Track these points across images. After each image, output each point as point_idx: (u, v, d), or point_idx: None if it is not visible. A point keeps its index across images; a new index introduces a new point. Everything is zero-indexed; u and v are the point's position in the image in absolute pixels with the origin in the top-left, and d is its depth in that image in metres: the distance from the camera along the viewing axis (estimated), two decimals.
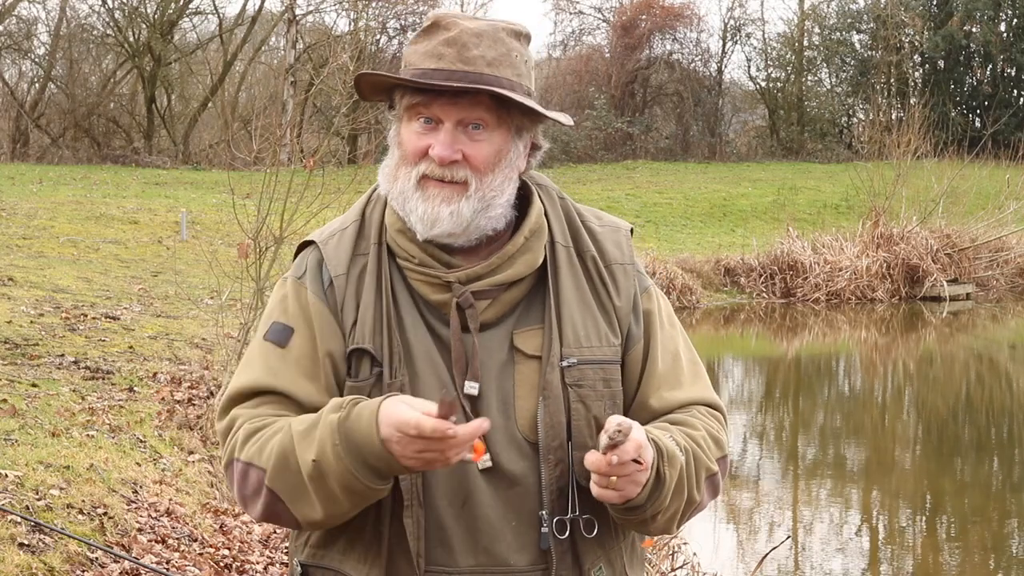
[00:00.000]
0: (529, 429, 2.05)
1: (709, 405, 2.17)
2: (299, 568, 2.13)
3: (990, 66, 38.79)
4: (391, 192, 2.09)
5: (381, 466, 1.91)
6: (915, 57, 39.20)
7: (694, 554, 6.71)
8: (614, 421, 1.89)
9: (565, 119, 2.13)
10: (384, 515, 2.03)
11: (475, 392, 2.04)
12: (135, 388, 7.90)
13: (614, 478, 1.92)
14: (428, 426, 1.84)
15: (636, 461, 1.91)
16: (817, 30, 40.49)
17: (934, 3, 38.83)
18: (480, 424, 1.87)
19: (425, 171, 2.04)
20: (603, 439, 1.89)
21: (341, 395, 2.06)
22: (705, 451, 2.08)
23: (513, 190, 2.10)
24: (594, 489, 1.95)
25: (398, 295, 2.09)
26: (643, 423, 2.06)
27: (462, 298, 2.05)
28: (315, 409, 2.03)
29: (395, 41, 35.82)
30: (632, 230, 2.24)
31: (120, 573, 5.12)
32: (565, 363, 2.06)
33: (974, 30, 38.54)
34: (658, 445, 1.98)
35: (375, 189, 2.21)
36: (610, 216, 2.25)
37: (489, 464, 2.03)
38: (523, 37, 2.09)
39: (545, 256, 2.12)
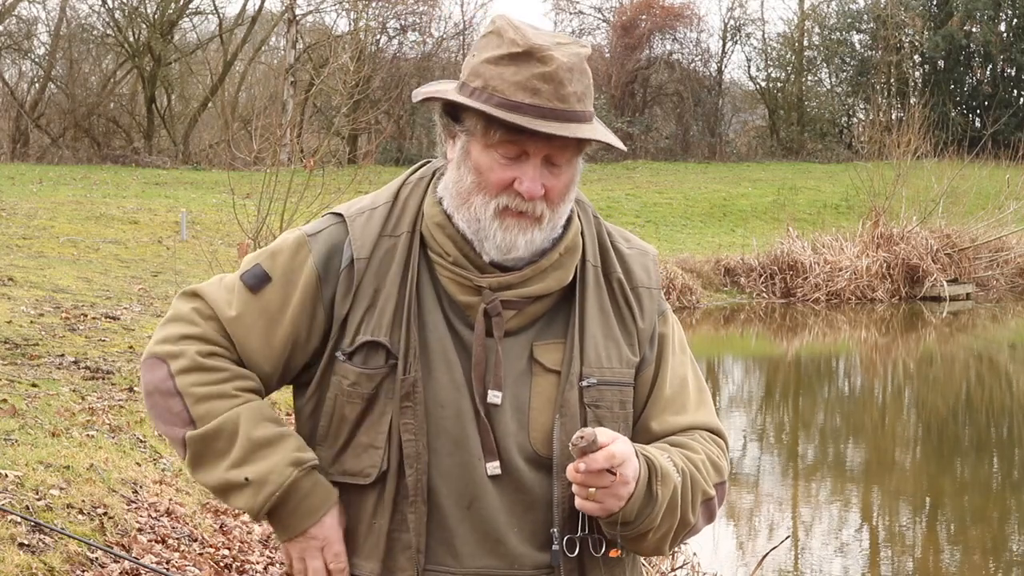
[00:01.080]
0: (542, 444, 2.05)
1: (711, 431, 2.17)
2: None
3: (990, 66, 38.78)
4: (459, 215, 2.06)
5: (278, 527, 2.07)
6: (915, 57, 39.20)
7: (694, 554, 6.71)
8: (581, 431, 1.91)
9: (623, 147, 2.13)
10: (384, 509, 2.04)
11: (498, 402, 2.04)
12: (135, 388, 7.90)
13: (593, 489, 1.92)
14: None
15: (611, 472, 1.91)
16: (817, 30, 40.49)
17: (934, 3, 38.83)
18: None
19: (508, 203, 2.02)
20: (571, 447, 1.91)
21: (288, 367, 2.10)
22: (703, 474, 2.08)
23: (570, 208, 2.12)
24: (576, 501, 1.96)
25: (422, 287, 2.08)
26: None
27: (491, 305, 2.05)
28: (248, 367, 2.08)
29: (395, 41, 35.86)
30: (657, 255, 2.27)
31: (120, 573, 5.12)
32: (585, 383, 2.06)
33: (974, 30, 38.53)
34: (651, 463, 1.98)
35: (412, 173, 2.19)
36: (638, 239, 2.26)
37: (498, 472, 2.03)
38: (590, 55, 2.08)
39: (575, 274, 2.12)
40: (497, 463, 2.03)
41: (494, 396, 2.04)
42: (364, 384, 2.04)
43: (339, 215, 2.14)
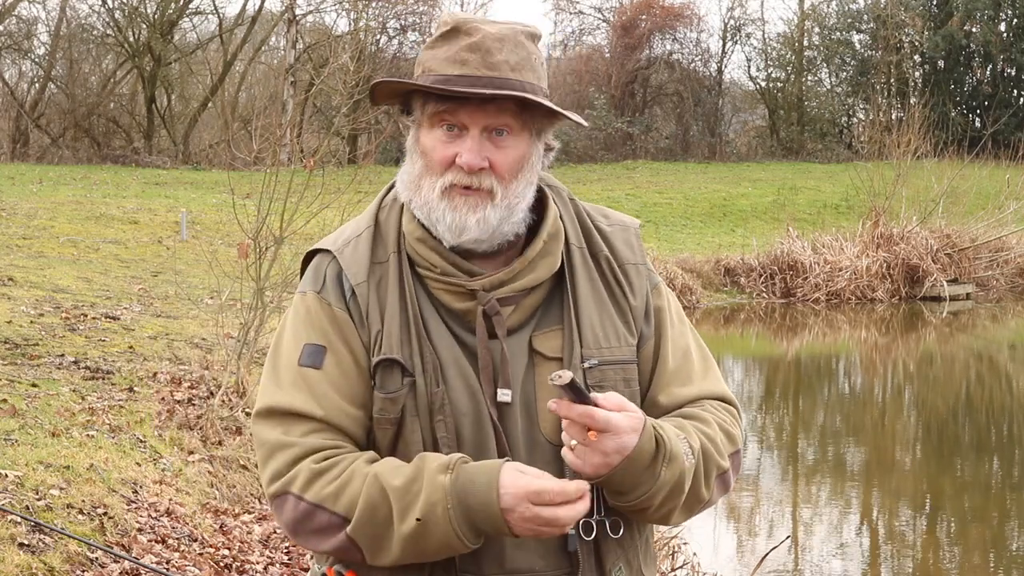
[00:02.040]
0: (551, 432, 2.05)
1: (721, 399, 2.17)
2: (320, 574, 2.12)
3: (990, 66, 38.78)
4: (414, 202, 2.07)
5: (488, 530, 1.93)
6: (915, 57, 39.19)
7: (694, 554, 6.72)
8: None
9: (580, 119, 2.13)
10: None
11: (508, 399, 2.04)
12: (135, 388, 7.91)
13: (573, 442, 1.93)
14: (572, 488, 1.91)
15: (589, 429, 1.91)
16: (817, 30, 40.49)
17: (934, 3, 38.83)
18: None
19: (453, 180, 2.02)
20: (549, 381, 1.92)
21: (371, 406, 2.06)
22: (718, 447, 2.08)
23: (533, 193, 2.10)
24: (563, 450, 1.97)
25: (421, 304, 2.08)
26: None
27: (488, 305, 2.05)
28: (354, 432, 2.04)
29: (395, 41, 35.85)
30: (639, 226, 2.25)
31: (120, 573, 5.12)
32: (587, 364, 2.06)
33: (974, 30, 38.53)
34: (660, 442, 1.97)
35: (386, 193, 2.20)
36: (617, 214, 2.25)
37: None
38: (536, 38, 2.09)
39: (562, 259, 2.12)
40: None
41: (503, 395, 2.04)
42: (390, 409, 2.03)
43: (325, 251, 2.15)
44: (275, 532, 6.46)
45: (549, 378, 1.90)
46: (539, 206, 2.14)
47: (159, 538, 5.67)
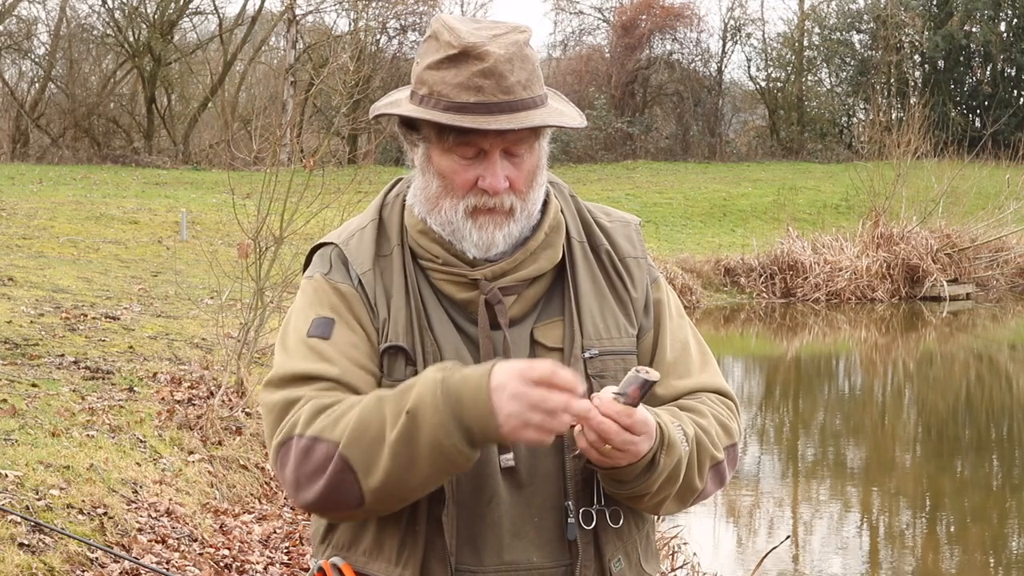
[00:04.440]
0: None
1: (718, 392, 2.18)
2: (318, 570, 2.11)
3: (990, 66, 38.77)
4: (432, 219, 2.09)
5: (476, 427, 1.88)
6: (915, 57, 39.19)
7: (694, 554, 6.72)
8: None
9: (582, 121, 2.13)
10: (420, 514, 2.03)
11: None
12: (135, 388, 7.91)
13: (608, 446, 1.93)
14: (566, 373, 1.86)
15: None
16: (817, 30, 40.48)
17: (934, 3, 38.82)
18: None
19: (476, 203, 2.05)
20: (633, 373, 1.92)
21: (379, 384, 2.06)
22: (712, 439, 2.08)
23: (543, 192, 2.14)
24: (580, 441, 1.96)
25: (423, 295, 2.10)
26: None
27: (490, 295, 2.07)
28: (367, 391, 2.02)
29: (395, 41, 35.86)
30: (640, 223, 2.27)
31: (120, 573, 5.13)
32: (587, 354, 2.08)
33: (974, 30, 38.52)
34: (661, 432, 1.98)
35: (389, 190, 2.22)
36: (618, 211, 2.27)
37: (512, 463, 2.04)
38: (530, 38, 2.10)
39: (563, 251, 2.15)
40: (510, 455, 2.04)
41: None
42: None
43: (331, 243, 2.16)
44: (275, 532, 6.47)
45: (635, 368, 1.90)
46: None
47: (159, 538, 5.67)
